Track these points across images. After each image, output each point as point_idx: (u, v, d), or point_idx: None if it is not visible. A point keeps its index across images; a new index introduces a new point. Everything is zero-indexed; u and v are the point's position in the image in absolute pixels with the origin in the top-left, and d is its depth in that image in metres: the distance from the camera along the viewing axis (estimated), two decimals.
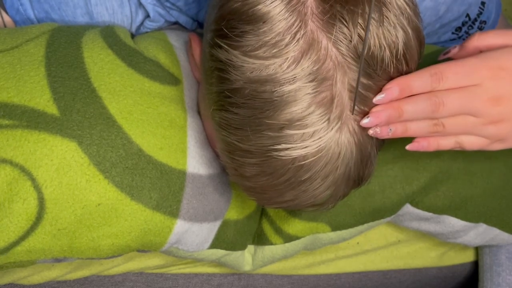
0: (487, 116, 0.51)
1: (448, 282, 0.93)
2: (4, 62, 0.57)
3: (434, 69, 0.50)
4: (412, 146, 0.53)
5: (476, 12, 0.73)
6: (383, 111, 0.49)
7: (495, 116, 0.51)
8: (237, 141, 0.50)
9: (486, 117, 0.51)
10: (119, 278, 0.79)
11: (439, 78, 0.49)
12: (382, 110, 0.49)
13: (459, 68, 0.50)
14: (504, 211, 0.76)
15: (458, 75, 0.50)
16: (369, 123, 0.48)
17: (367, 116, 0.48)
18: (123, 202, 0.57)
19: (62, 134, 0.55)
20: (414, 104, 0.50)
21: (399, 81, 0.49)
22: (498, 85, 0.50)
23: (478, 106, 0.50)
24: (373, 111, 0.49)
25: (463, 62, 0.51)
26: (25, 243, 0.56)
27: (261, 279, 0.84)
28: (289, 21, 0.46)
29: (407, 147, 0.53)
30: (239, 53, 0.47)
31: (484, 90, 0.50)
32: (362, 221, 0.72)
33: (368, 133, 0.49)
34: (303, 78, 0.46)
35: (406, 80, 0.49)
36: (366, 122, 0.48)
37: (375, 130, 0.49)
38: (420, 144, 0.53)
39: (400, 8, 0.48)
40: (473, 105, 0.50)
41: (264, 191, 0.52)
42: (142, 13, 0.67)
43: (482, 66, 0.50)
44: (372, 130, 0.49)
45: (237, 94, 0.48)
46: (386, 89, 0.48)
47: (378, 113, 0.48)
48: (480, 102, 0.50)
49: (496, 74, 0.50)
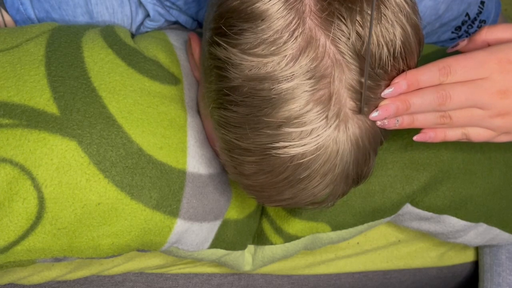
0: (494, 109, 0.51)
1: (448, 282, 0.93)
2: (4, 62, 0.57)
3: (442, 63, 0.50)
4: (419, 137, 0.54)
5: (476, 11, 0.73)
6: (391, 104, 0.49)
7: (502, 109, 0.51)
8: (235, 139, 0.50)
9: (493, 110, 0.51)
10: (119, 278, 0.79)
11: (447, 72, 0.50)
12: (390, 103, 0.49)
13: (467, 62, 0.50)
14: (504, 211, 0.76)
15: (466, 68, 0.50)
16: (378, 116, 0.49)
17: (376, 110, 0.49)
18: (123, 201, 0.57)
19: (62, 133, 0.55)
20: (421, 97, 0.50)
21: (407, 75, 0.49)
22: (506, 78, 0.50)
23: (486, 99, 0.51)
24: (381, 105, 0.49)
25: (471, 55, 0.51)
26: (25, 243, 0.56)
27: (261, 279, 0.84)
28: (287, 18, 0.46)
29: (415, 138, 0.54)
30: (238, 51, 0.47)
31: (492, 83, 0.50)
32: (362, 221, 0.72)
33: (377, 124, 0.50)
34: (301, 75, 0.46)
35: (415, 74, 0.49)
36: (376, 115, 0.49)
37: (383, 122, 0.50)
38: (427, 135, 0.53)
39: (399, 5, 0.48)
40: (480, 98, 0.50)
41: (263, 189, 0.52)
42: (142, 13, 0.68)
43: (491, 59, 0.50)
44: (380, 121, 0.50)
45: (235, 92, 0.48)
46: (394, 83, 0.49)
47: (387, 106, 0.49)
48: (487, 95, 0.50)
49: (505, 67, 0.50)
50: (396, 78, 0.49)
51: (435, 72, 0.50)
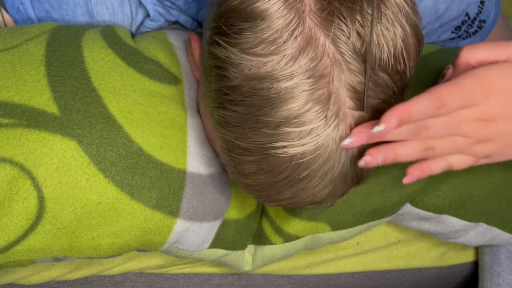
0: (474, 136, 0.51)
1: (448, 282, 0.93)
2: (4, 61, 0.57)
3: (435, 96, 0.48)
4: (408, 179, 0.53)
5: (476, 11, 0.73)
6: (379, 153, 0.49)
7: (482, 136, 0.51)
8: (235, 139, 0.50)
9: (473, 137, 0.51)
10: (119, 278, 0.79)
11: (440, 106, 0.48)
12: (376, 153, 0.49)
13: (456, 93, 0.48)
14: (504, 210, 0.76)
15: (456, 99, 0.48)
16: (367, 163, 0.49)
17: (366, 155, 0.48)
18: (123, 201, 0.57)
19: (62, 133, 0.55)
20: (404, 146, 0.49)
21: (398, 111, 0.47)
22: (488, 105, 0.49)
23: (466, 127, 0.50)
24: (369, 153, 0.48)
25: (458, 84, 0.49)
26: (25, 242, 0.56)
27: (261, 279, 0.84)
28: (287, 18, 0.46)
29: (404, 182, 0.53)
30: (237, 51, 0.47)
31: (474, 111, 0.49)
32: (362, 221, 0.72)
33: (359, 164, 0.49)
34: (300, 75, 0.46)
35: (406, 109, 0.47)
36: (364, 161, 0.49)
37: (366, 159, 0.49)
38: (415, 175, 0.52)
39: (398, 5, 0.48)
40: (460, 127, 0.50)
41: (263, 189, 0.52)
42: (142, 13, 0.68)
43: (476, 87, 0.49)
44: (363, 161, 0.49)
45: (235, 92, 0.48)
46: (385, 120, 0.47)
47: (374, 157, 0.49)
48: (467, 124, 0.50)
49: (487, 94, 0.49)
50: (386, 114, 0.47)
51: (429, 107, 0.48)
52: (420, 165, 0.53)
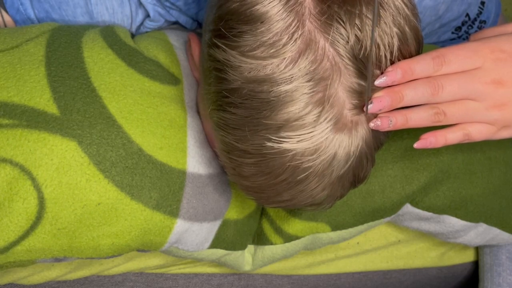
0: (489, 99, 0.50)
1: (448, 282, 0.93)
2: (4, 62, 0.57)
3: (436, 53, 0.49)
4: (420, 144, 0.52)
5: (476, 11, 0.73)
6: (385, 96, 0.48)
7: (498, 99, 0.50)
8: (234, 141, 0.50)
9: (488, 101, 0.50)
10: (119, 278, 0.79)
11: (441, 62, 0.49)
12: (384, 95, 0.48)
13: (460, 51, 0.50)
14: (504, 211, 0.76)
15: (459, 57, 0.49)
16: (373, 108, 0.48)
17: (370, 102, 0.48)
18: (123, 201, 0.57)
19: (62, 133, 0.55)
20: (413, 88, 0.49)
21: (401, 64, 0.48)
22: (500, 67, 0.50)
23: (479, 88, 0.49)
24: (375, 97, 0.48)
25: (464, 45, 0.50)
26: (25, 243, 0.56)
27: (261, 279, 0.84)
28: (287, 21, 0.46)
29: (415, 145, 0.52)
30: (237, 53, 0.47)
31: (485, 72, 0.49)
32: (362, 221, 0.72)
33: (369, 126, 0.49)
34: (300, 78, 0.46)
35: (408, 63, 0.48)
36: (370, 107, 0.48)
37: (375, 123, 0.49)
38: (428, 141, 0.52)
39: (398, 8, 0.48)
40: (473, 87, 0.49)
41: (262, 191, 0.52)
42: (142, 13, 0.68)
43: (483, 48, 0.50)
44: (373, 123, 0.49)
45: (234, 94, 0.48)
46: (388, 71, 0.48)
47: (381, 98, 0.48)
48: (481, 85, 0.49)
49: (498, 56, 0.49)
50: (389, 67, 0.48)
51: (429, 61, 0.49)
52: (434, 132, 0.52)
